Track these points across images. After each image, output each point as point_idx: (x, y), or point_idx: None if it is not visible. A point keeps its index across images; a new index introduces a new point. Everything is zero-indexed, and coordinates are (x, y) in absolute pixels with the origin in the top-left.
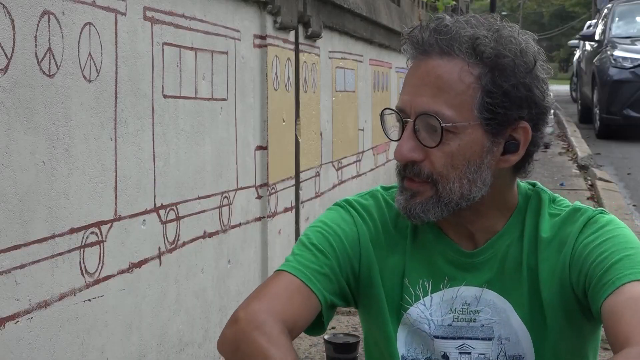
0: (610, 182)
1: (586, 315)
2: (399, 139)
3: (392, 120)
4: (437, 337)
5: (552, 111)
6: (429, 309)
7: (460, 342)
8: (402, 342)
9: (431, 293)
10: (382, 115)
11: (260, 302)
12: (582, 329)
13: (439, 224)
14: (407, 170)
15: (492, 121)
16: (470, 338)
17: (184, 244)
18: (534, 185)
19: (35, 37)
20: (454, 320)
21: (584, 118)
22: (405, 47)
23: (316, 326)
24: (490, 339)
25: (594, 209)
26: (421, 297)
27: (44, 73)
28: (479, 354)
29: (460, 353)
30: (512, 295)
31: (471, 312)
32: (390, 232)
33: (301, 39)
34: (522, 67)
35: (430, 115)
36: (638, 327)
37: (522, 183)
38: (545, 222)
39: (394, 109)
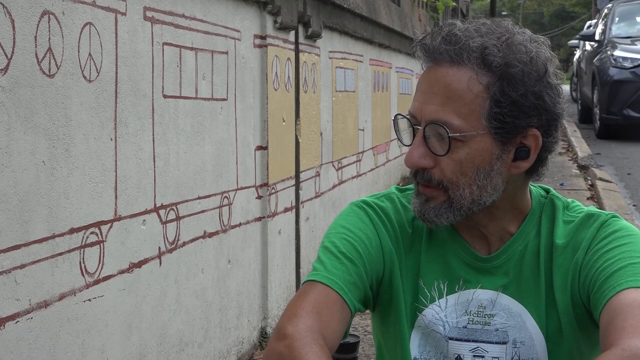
0: (610, 182)
1: (594, 321)
2: (410, 145)
3: (404, 125)
4: (451, 338)
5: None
6: (444, 310)
7: (474, 345)
8: (415, 344)
9: (446, 295)
10: (395, 119)
11: (307, 320)
12: (593, 336)
13: (454, 226)
14: (418, 176)
15: (500, 130)
16: (484, 341)
17: (184, 244)
18: (547, 191)
19: (35, 37)
20: (469, 323)
21: (584, 118)
22: (417, 52)
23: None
24: (504, 343)
25: (607, 213)
26: (436, 299)
27: (44, 73)
28: (493, 357)
29: (474, 356)
30: (529, 300)
31: (486, 316)
32: (407, 234)
33: (301, 39)
34: (531, 76)
35: (438, 125)
36: (625, 331)
37: (534, 188)
38: (559, 229)
39: (406, 114)
